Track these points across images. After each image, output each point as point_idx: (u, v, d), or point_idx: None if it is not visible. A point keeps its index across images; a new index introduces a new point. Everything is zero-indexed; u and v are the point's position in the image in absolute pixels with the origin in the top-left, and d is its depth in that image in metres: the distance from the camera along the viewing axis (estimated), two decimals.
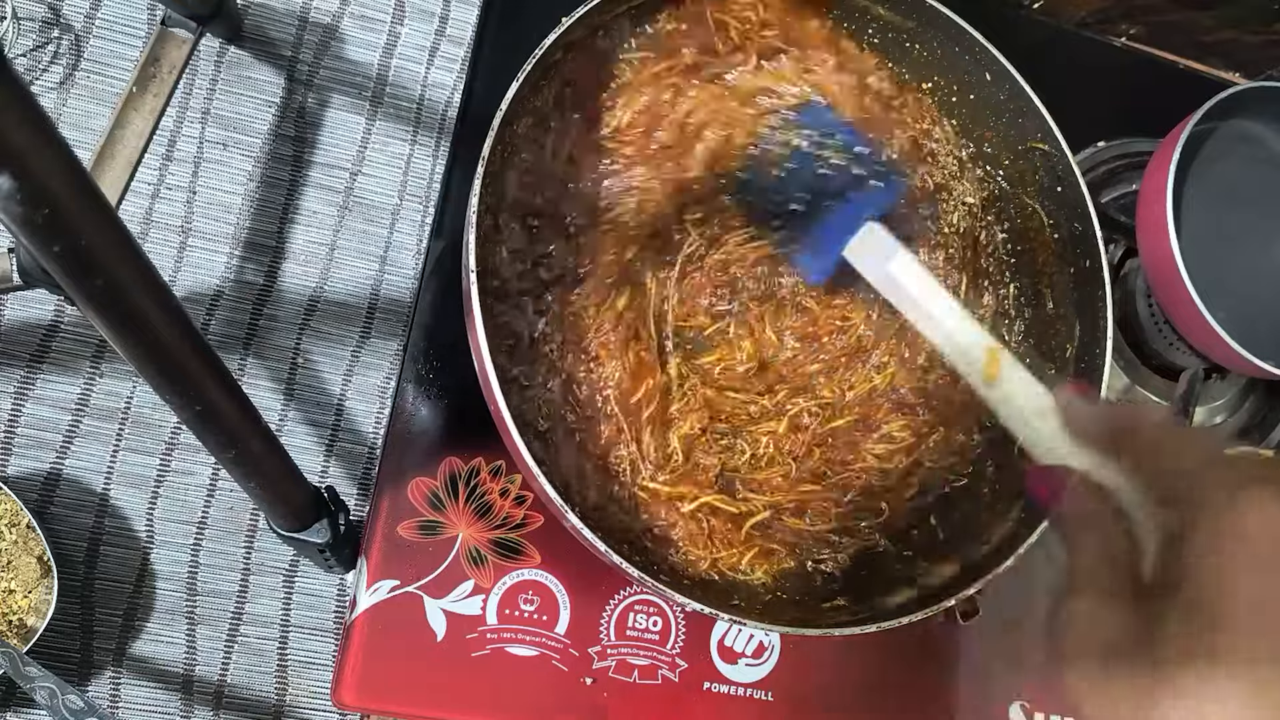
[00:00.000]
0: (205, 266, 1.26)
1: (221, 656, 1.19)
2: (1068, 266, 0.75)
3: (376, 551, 0.72)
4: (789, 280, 0.75)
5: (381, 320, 1.29)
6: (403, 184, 1.32)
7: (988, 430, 0.75)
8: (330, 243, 1.29)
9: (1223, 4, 0.89)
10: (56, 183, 0.38)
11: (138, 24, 1.28)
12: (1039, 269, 0.77)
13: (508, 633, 0.73)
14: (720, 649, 0.76)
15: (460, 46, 1.37)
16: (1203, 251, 0.74)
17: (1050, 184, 0.75)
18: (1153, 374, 0.85)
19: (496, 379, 0.58)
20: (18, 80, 0.34)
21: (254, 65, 1.30)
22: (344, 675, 0.70)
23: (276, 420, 1.25)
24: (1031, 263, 0.78)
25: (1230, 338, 0.72)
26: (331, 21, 1.33)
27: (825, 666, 0.77)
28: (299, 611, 1.22)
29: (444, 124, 1.35)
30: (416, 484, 0.74)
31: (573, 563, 0.74)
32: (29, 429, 1.18)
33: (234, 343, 1.25)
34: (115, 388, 1.21)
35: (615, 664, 0.74)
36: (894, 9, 0.75)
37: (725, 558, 0.70)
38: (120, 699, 1.15)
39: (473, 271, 0.59)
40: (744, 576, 0.70)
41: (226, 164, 1.28)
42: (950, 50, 0.76)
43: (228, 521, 1.21)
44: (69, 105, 1.25)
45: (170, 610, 1.18)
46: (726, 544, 0.70)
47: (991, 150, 0.79)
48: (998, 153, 0.79)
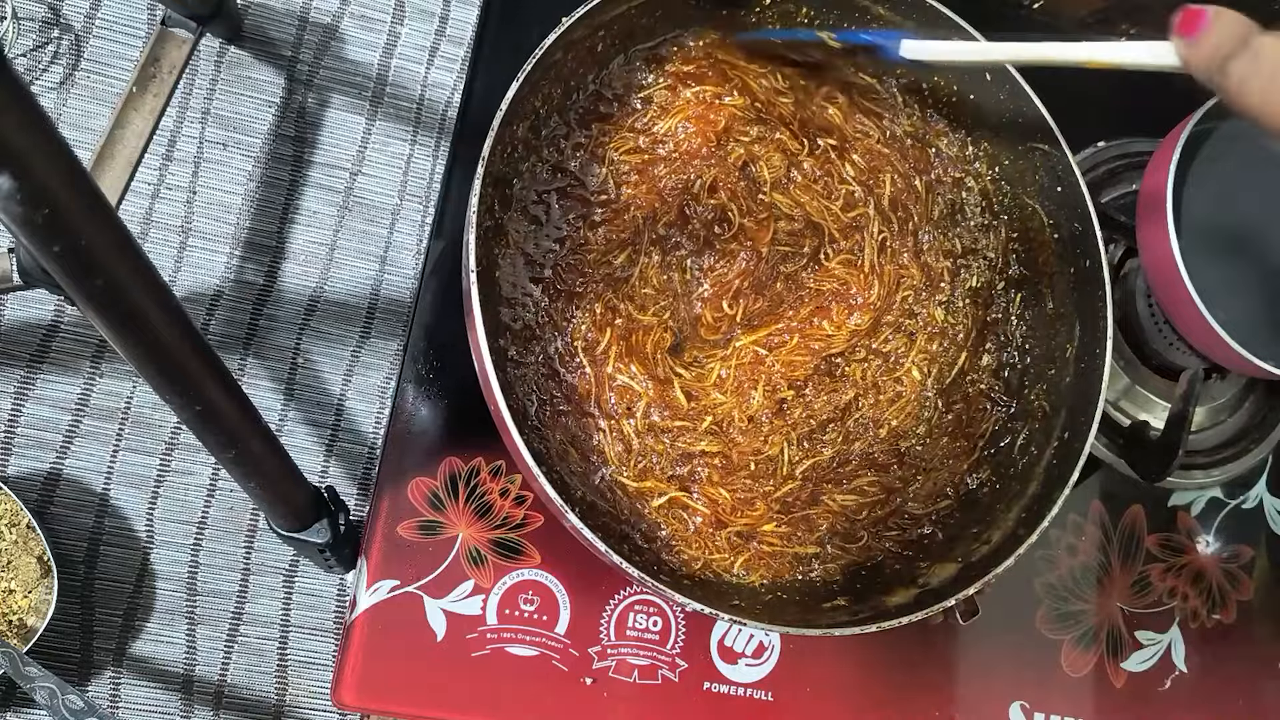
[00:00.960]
0: (205, 266, 1.26)
1: (221, 657, 1.19)
2: (1068, 267, 0.75)
3: (376, 551, 0.72)
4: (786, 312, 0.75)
5: (381, 320, 1.29)
6: (403, 184, 1.32)
7: (987, 461, 0.75)
8: (330, 243, 1.29)
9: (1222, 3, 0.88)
10: (56, 183, 0.38)
11: (138, 24, 1.28)
12: (1039, 269, 0.77)
13: (508, 633, 0.73)
14: (720, 649, 0.76)
15: (460, 46, 1.37)
16: (1203, 251, 0.74)
17: (1050, 184, 0.75)
18: (1153, 374, 0.85)
19: (497, 380, 0.58)
20: (18, 80, 0.34)
21: (254, 65, 1.30)
22: (344, 675, 0.70)
23: (276, 420, 1.25)
24: (1032, 263, 0.78)
25: (1230, 338, 0.72)
26: (331, 21, 1.33)
27: (825, 667, 0.77)
28: (299, 612, 1.22)
29: (444, 124, 1.35)
30: (416, 484, 0.74)
31: (573, 563, 0.74)
32: (29, 429, 1.18)
33: (234, 343, 1.25)
34: (115, 388, 1.21)
35: (615, 664, 0.74)
36: (894, 9, 0.75)
37: (719, 560, 0.70)
38: (120, 699, 1.15)
39: (473, 271, 0.59)
40: (740, 579, 0.70)
41: (226, 164, 1.28)
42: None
43: (228, 521, 1.21)
44: (69, 105, 1.24)
45: (170, 610, 1.18)
46: (715, 547, 0.70)
47: (991, 149, 0.79)
48: (997, 152, 0.79)
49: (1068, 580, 0.82)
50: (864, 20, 0.77)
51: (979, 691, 0.79)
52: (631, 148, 0.73)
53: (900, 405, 0.76)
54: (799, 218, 0.75)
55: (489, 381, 0.58)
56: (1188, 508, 0.85)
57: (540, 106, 0.70)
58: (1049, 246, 0.76)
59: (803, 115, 0.77)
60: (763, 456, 0.72)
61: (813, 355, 0.74)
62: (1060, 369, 0.74)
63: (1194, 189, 0.78)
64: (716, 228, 0.73)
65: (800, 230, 0.75)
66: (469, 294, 0.59)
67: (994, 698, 0.79)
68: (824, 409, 0.74)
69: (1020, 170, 0.77)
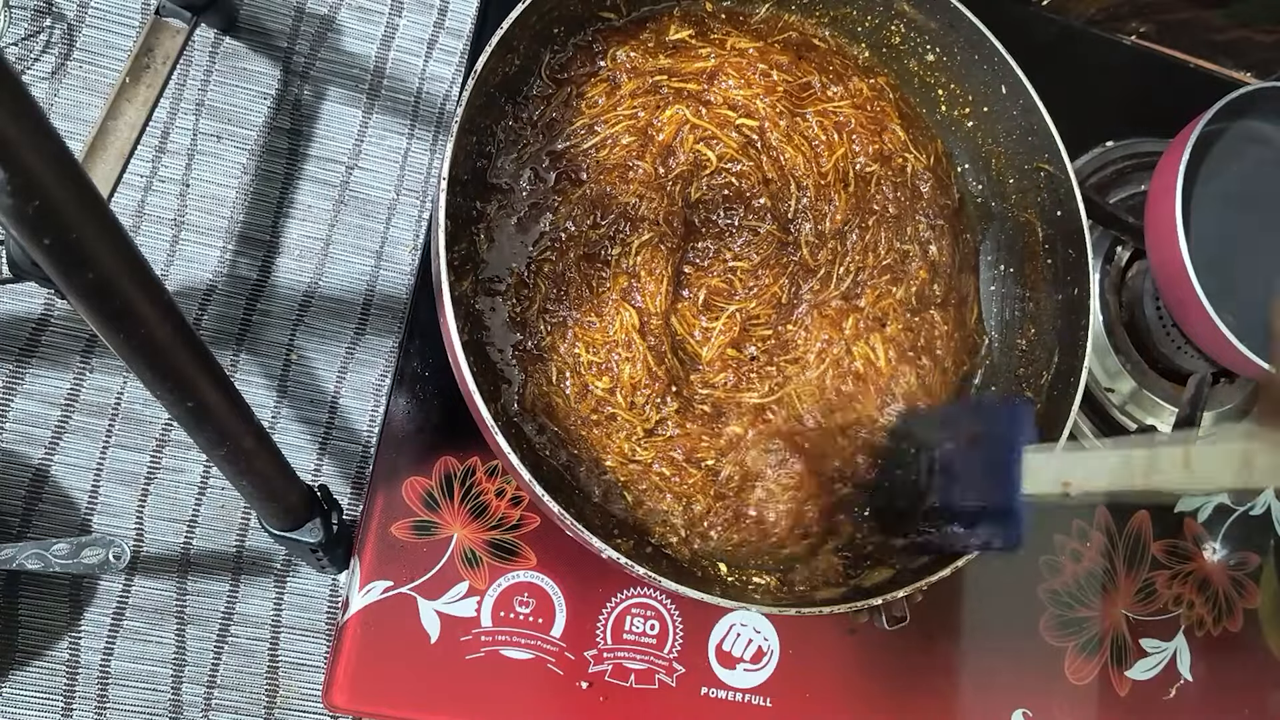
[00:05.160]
0: (198, 261, 1.24)
1: (211, 657, 1.17)
2: (1056, 294, 0.74)
3: (370, 552, 0.72)
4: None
5: (377, 317, 1.28)
6: (400, 178, 1.31)
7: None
8: (325, 237, 1.28)
9: (1234, 2, 0.88)
10: (47, 175, 0.37)
11: (131, 13, 1.27)
12: (1029, 292, 0.77)
13: (502, 635, 0.72)
14: (719, 654, 0.75)
15: (459, 39, 1.36)
16: (1212, 253, 0.74)
17: (1051, 206, 0.74)
18: (1160, 378, 0.84)
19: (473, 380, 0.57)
20: (9, 70, 0.34)
21: (249, 56, 1.29)
22: (336, 677, 0.70)
23: (269, 417, 1.23)
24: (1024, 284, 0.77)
25: (1239, 341, 0.71)
26: (328, 13, 1.32)
27: (825, 673, 0.76)
28: (290, 612, 1.20)
29: (442, 118, 1.34)
30: (411, 483, 0.73)
31: (569, 564, 0.74)
32: (17, 424, 1.16)
33: (227, 338, 1.24)
34: (106, 383, 1.19)
35: (611, 668, 0.73)
36: (918, 7, 0.74)
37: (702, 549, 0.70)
38: (108, 699, 1.14)
39: (441, 257, 0.59)
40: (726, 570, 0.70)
41: (220, 157, 1.27)
42: (970, 58, 0.75)
43: (219, 520, 1.20)
44: (61, 96, 1.23)
45: (159, 609, 1.17)
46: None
47: (998, 168, 0.78)
48: (1003, 172, 0.78)
49: (1072, 587, 0.81)
50: (888, 16, 0.76)
51: (981, 699, 0.78)
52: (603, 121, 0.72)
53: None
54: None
55: (463, 375, 0.58)
56: (1194, 514, 0.85)
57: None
58: (1040, 271, 0.76)
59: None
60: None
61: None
62: (1034, 394, 0.74)
63: (1203, 190, 0.77)
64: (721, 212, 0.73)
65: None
66: (439, 282, 0.59)
67: (996, 705, 0.78)
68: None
69: (1023, 189, 0.77)
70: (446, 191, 0.60)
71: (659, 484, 0.69)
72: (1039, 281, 0.76)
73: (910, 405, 0.72)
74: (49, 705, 1.12)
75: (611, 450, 0.69)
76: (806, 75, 0.75)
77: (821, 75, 0.75)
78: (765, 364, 0.72)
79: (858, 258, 0.74)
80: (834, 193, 0.74)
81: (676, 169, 0.71)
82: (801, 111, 0.74)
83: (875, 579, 0.68)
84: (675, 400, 0.69)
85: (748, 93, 0.73)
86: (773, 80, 0.74)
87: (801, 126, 0.74)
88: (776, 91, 0.74)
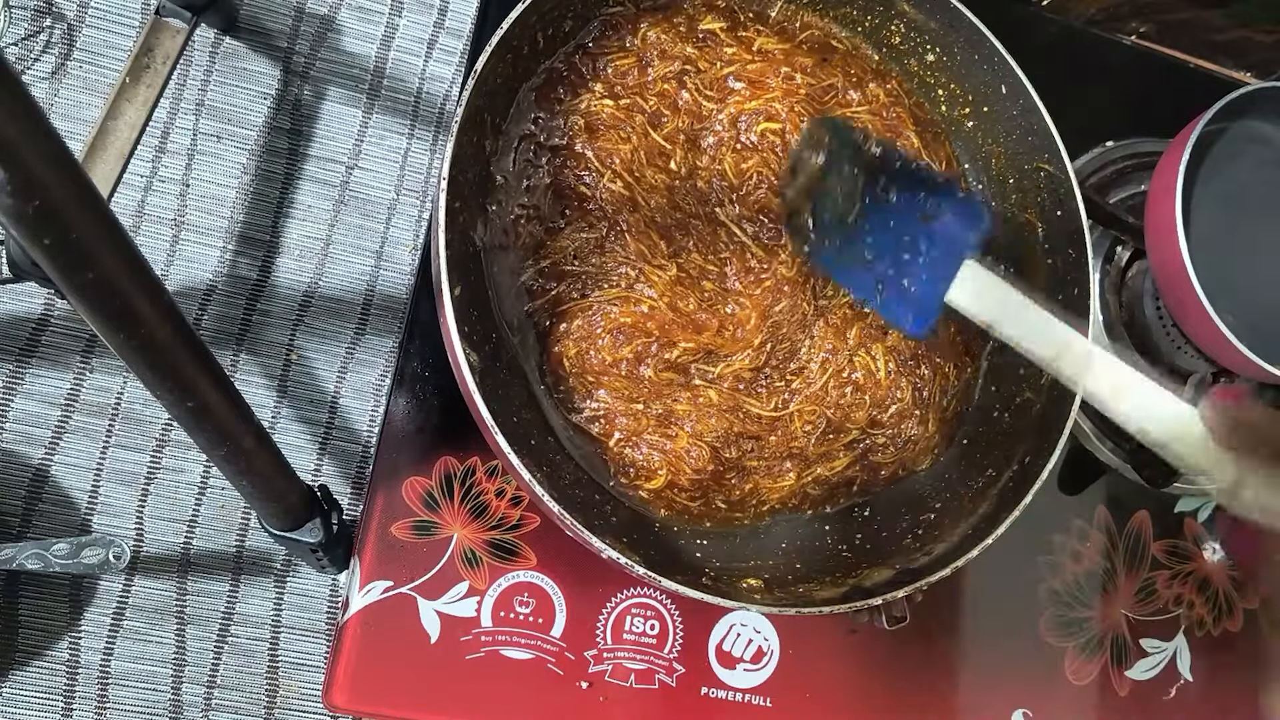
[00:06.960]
0: (198, 261, 1.24)
1: (211, 657, 1.17)
2: (1056, 294, 0.74)
3: (370, 552, 0.72)
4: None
5: (377, 316, 1.28)
6: (400, 178, 1.31)
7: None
8: (325, 237, 1.28)
9: (1234, 2, 0.88)
10: (47, 174, 0.37)
11: (131, 13, 1.26)
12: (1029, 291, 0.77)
13: (502, 635, 0.72)
14: (719, 654, 0.75)
15: (459, 39, 1.36)
16: (1212, 253, 0.74)
17: (1051, 206, 0.74)
18: (1159, 377, 0.84)
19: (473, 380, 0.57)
20: (9, 70, 0.34)
21: (249, 56, 1.29)
22: (336, 677, 0.70)
23: (269, 417, 1.23)
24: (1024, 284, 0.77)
25: (1239, 341, 0.71)
26: (328, 13, 1.32)
27: (826, 673, 0.76)
28: (290, 612, 1.20)
29: (442, 118, 1.34)
30: (411, 483, 0.73)
31: (569, 564, 0.74)
32: (17, 424, 1.16)
33: (227, 338, 1.24)
34: (106, 383, 1.19)
35: (611, 668, 0.73)
36: (918, 7, 0.74)
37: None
38: (108, 699, 1.14)
39: (442, 253, 0.59)
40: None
41: (220, 157, 1.27)
42: (970, 58, 0.75)
43: (219, 520, 1.20)
44: (61, 95, 1.23)
45: (159, 609, 1.17)
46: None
47: (998, 168, 0.78)
48: (1003, 172, 0.78)
49: (1072, 587, 0.81)
50: (888, 17, 0.76)
51: (981, 698, 0.78)
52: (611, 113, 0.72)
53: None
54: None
55: (461, 371, 0.58)
56: (1194, 514, 0.85)
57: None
58: (1040, 272, 0.76)
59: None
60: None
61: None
62: (1035, 394, 0.73)
63: (1203, 190, 0.77)
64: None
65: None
66: (438, 278, 0.59)
67: (996, 705, 0.78)
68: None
69: (1023, 190, 0.76)
70: (446, 191, 0.59)
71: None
72: (1039, 281, 0.76)
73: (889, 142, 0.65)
74: (49, 705, 1.12)
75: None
76: (830, 78, 0.75)
77: (844, 78, 0.75)
78: (776, 380, 0.72)
79: None
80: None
81: (681, 170, 0.71)
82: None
83: (875, 579, 0.68)
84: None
85: (762, 101, 0.72)
86: (795, 83, 0.73)
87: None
88: (798, 94, 0.73)
